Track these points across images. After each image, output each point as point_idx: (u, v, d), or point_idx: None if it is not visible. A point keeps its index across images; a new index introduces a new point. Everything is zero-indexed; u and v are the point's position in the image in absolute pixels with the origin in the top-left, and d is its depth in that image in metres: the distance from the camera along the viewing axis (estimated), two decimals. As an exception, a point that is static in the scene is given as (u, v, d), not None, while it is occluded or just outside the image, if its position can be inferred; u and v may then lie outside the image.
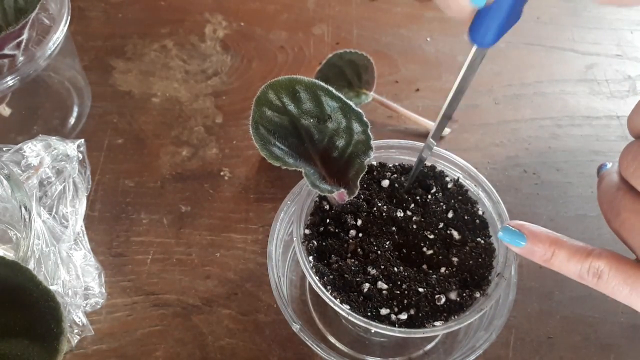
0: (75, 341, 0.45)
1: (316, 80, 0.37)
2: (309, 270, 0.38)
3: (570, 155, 0.59)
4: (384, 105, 0.59)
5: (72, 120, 0.59)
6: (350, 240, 0.40)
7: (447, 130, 0.59)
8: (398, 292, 0.37)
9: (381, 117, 0.60)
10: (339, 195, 0.38)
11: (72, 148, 0.44)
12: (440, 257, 0.39)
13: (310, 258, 0.39)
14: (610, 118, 0.61)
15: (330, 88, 0.38)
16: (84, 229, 0.45)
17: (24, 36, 0.48)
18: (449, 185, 0.43)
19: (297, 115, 0.38)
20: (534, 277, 0.50)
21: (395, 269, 0.38)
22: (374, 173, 0.44)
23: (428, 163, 0.44)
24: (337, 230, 0.40)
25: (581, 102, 0.63)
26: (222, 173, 0.56)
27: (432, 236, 0.40)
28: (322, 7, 0.70)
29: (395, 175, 0.43)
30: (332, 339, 0.47)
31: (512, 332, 0.48)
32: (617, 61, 0.66)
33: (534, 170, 0.57)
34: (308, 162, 0.38)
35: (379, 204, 0.41)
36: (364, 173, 0.38)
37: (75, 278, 0.44)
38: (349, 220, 0.40)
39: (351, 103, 0.38)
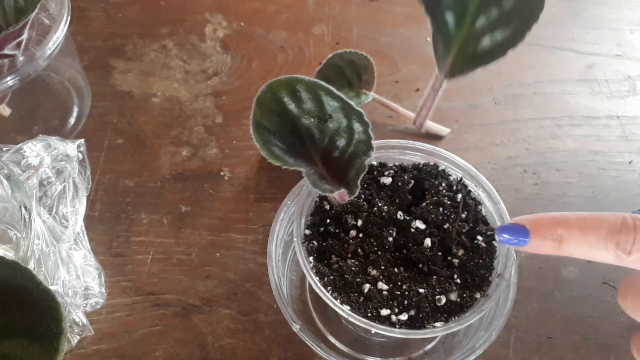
0: (75, 341, 0.45)
1: (317, 80, 0.37)
2: (309, 270, 0.38)
3: (570, 155, 0.59)
4: (384, 105, 0.59)
5: (72, 120, 0.59)
6: (351, 241, 0.40)
7: (447, 130, 0.59)
8: (398, 292, 0.37)
9: (381, 117, 0.60)
10: (340, 195, 0.38)
11: (72, 148, 0.44)
12: (440, 258, 0.39)
13: (311, 258, 0.39)
14: (610, 118, 0.61)
15: (331, 88, 0.38)
16: (84, 229, 0.45)
17: (24, 36, 0.48)
18: (453, 185, 0.43)
19: (297, 115, 0.38)
20: (534, 277, 0.50)
21: (396, 269, 0.38)
22: (375, 173, 0.44)
23: (431, 162, 0.44)
24: (337, 231, 0.40)
25: (581, 102, 0.63)
26: (222, 173, 0.56)
27: (432, 237, 0.40)
28: (322, 7, 0.70)
29: (396, 175, 0.43)
30: (332, 339, 0.47)
31: (512, 332, 0.48)
32: (617, 61, 0.66)
33: (534, 170, 0.57)
34: (308, 161, 0.38)
35: (380, 204, 0.41)
36: (365, 173, 0.38)
37: (75, 278, 0.44)
38: (349, 220, 0.40)
39: (352, 103, 0.38)
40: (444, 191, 0.42)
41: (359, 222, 0.40)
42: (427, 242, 0.39)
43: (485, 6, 0.34)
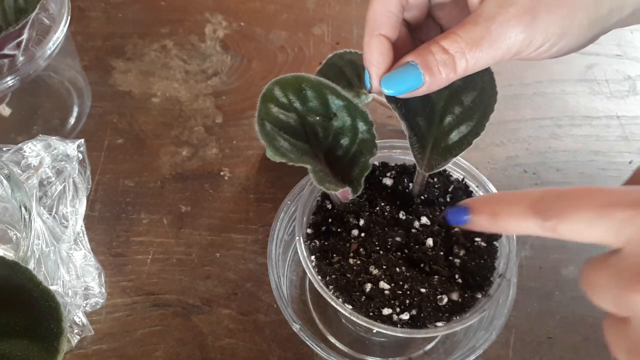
0: (75, 341, 0.45)
1: (322, 79, 0.37)
2: (311, 269, 0.38)
3: (570, 155, 0.59)
4: (384, 105, 0.58)
5: (72, 120, 0.59)
6: (353, 240, 0.40)
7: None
8: (400, 292, 0.37)
9: (381, 117, 0.60)
10: (343, 194, 0.38)
11: (72, 148, 0.44)
12: (442, 258, 0.39)
13: (313, 257, 0.39)
14: (610, 118, 0.61)
15: (336, 87, 0.38)
16: (84, 229, 0.45)
17: (24, 36, 0.48)
18: (454, 186, 0.43)
19: (302, 113, 0.38)
20: (534, 277, 0.50)
21: (398, 269, 0.38)
22: (376, 173, 0.43)
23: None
24: (339, 230, 0.40)
25: (581, 102, 0.63)
26: (222, 173, 0.56)
27: (434, 237, 0.40)
28: (322, 7, 0.70)
29: (398, 176, 0.43)
30: (332, 339, 0.47)
31: (512, 332, 0.48)
32: (617, 61, 0.66)
33: (534, 170, 0.57)
34: (313, 159, 0.38)
35: (382, 204, 0.41)
36: (368, 172, 0.38)
37: (75, 278, 0.44)
38: (351, 220, 0.40)
39: (357, 102, 0.38)
40: (448, 191, 0.42)
41: (361, 222, 0.40)
42: (429, 242, 0.39)
43: (450, 106, 0.39)
